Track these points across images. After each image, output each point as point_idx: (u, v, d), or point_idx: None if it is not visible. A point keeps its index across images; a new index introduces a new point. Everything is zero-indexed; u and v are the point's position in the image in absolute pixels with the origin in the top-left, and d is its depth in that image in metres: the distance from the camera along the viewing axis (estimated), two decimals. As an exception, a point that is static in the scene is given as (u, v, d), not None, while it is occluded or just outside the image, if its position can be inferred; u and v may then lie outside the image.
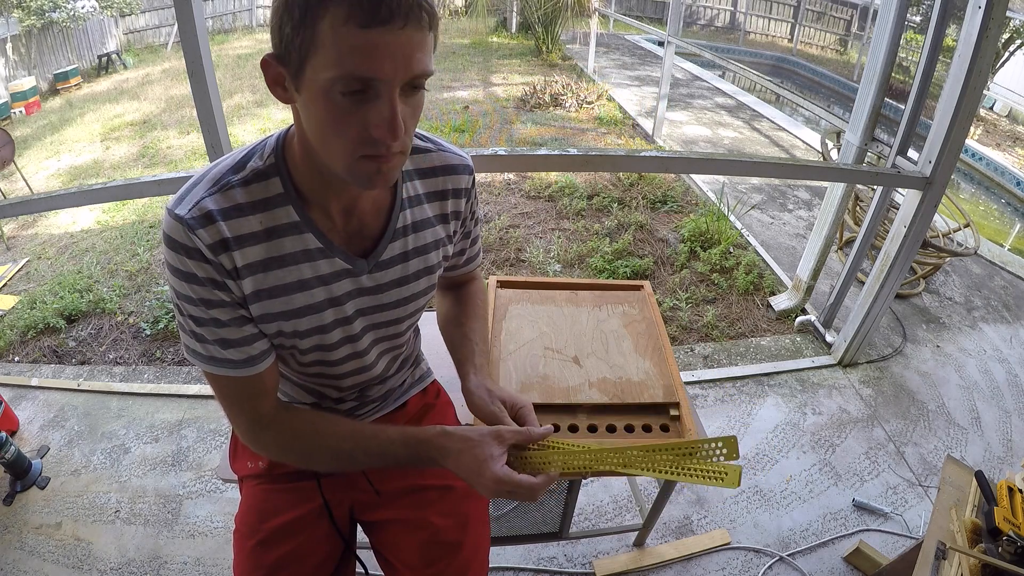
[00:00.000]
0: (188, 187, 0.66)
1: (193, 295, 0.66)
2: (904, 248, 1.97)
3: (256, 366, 0.72)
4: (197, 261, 0.64)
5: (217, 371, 0.71)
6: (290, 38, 0.56)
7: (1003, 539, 1.03)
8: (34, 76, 8.36)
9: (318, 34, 0.54)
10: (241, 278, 0.67)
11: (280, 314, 0.71)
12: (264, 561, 0.85)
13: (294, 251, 0.69)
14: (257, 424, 0.76)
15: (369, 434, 0.77)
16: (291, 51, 0.56)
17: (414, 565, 0.89)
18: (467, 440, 0.74)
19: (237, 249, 0.66)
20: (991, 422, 2.12)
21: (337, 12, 0.53)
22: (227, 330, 0.69)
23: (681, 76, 7.85)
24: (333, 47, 0.54)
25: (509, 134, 5.38)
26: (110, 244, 3.60)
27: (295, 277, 0.70)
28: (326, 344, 0.77)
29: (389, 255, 0.77)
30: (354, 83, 0.55)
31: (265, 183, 0.67)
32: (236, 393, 0.74)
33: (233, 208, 0.65)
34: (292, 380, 0.85)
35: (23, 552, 1.58)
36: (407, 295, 0.81)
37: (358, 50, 0.54)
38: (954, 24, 1.81)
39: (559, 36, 8.75)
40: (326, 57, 0.54)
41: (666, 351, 1.15)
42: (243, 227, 0.66)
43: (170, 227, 0.63)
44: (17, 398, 2.13)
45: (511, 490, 0.72)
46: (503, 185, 4.10)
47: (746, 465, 1.89)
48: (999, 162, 6.20)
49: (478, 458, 0.72)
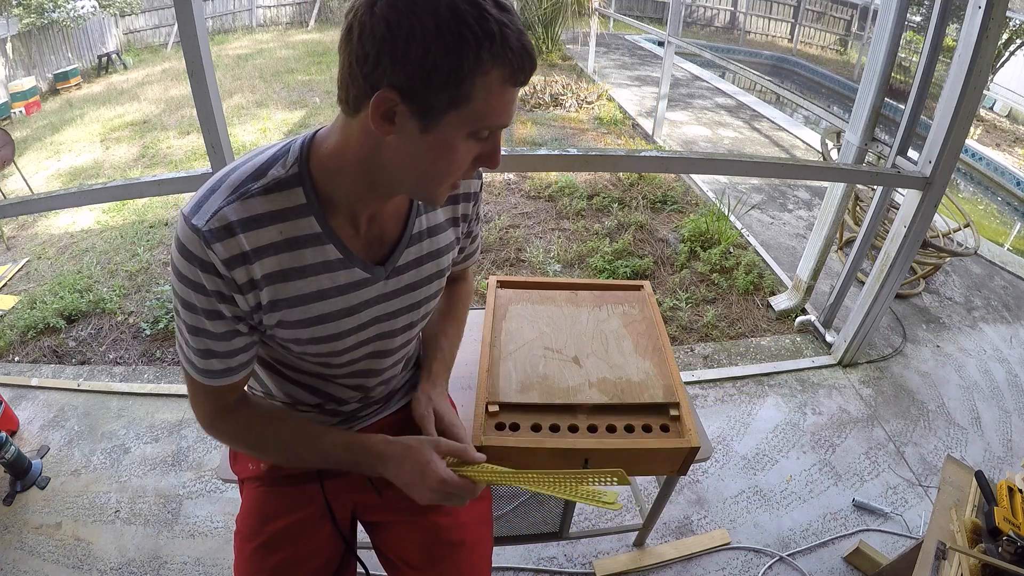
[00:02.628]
0: (205, 193, 0.64)
1: (196, 304, 0.66)
2: (904, 248, 1.97)
3: (233, 377, 0.74)
4: (209, 275, 0.64)
5: (196, 377, 0.73)
6: (435, 86, 0.56)
7: (1003, 539, 1.03)
8: (34, 76, 8.35)
9: (473, 89, 0.57)
10: (258, 289, 0.67)
11: (297, 323, 0.71)
12: (266, 564, 0.85)
13: (314, 262, 0.69)
14: (215, 414, 0.78)
15: (315, 435, 0.80)
16: (430, 96, 0.56)
17: (417, 565, 0.89)
18: (407, 447, 0.77)
19: (256, 261, 0.65)
20: (991, 422, 2.12)
21: (501, 74, 0.57)
22: (216, 343, 0.70)
23: (681, 76, 7.85)
24: (485, 102, 0.58)
25: (509, 134, 5.38)
26: (110, 244, 3.60)
27: (314, 288, 0.70)
28: (338, 350, 0.77)
29: (405, 260, 0.77)
30: (487, 131, 0.62)
31: (287, 192, 0.66)
32: (205, 392, 0.75)
33: (253, 219, 0.64)
34: (298, 382, 0.85)
35: (23, 552, 1.58)
36: (419, 299, 0.82)
37: (504, 105, 0.60)
38: (954, 24, 1.81)
39: (559, 36, 8.74)
40: (474, 110, 0.58)
41: (666, 351, 1.14)
42: (262, 238, 0.65)
43: (186, 237, 0.63)
44: (17, 398, 2.13)
45: (452, 492, 0.76)
46: (503, 185, 4.10)
47: (746, 465, 1.89)
48: (999, 162, 6.19)
49: (420, 462, 0.76)
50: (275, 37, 11.29)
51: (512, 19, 0.56)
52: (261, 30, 12.03)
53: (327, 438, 0.80)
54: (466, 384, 1.23)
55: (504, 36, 0.55)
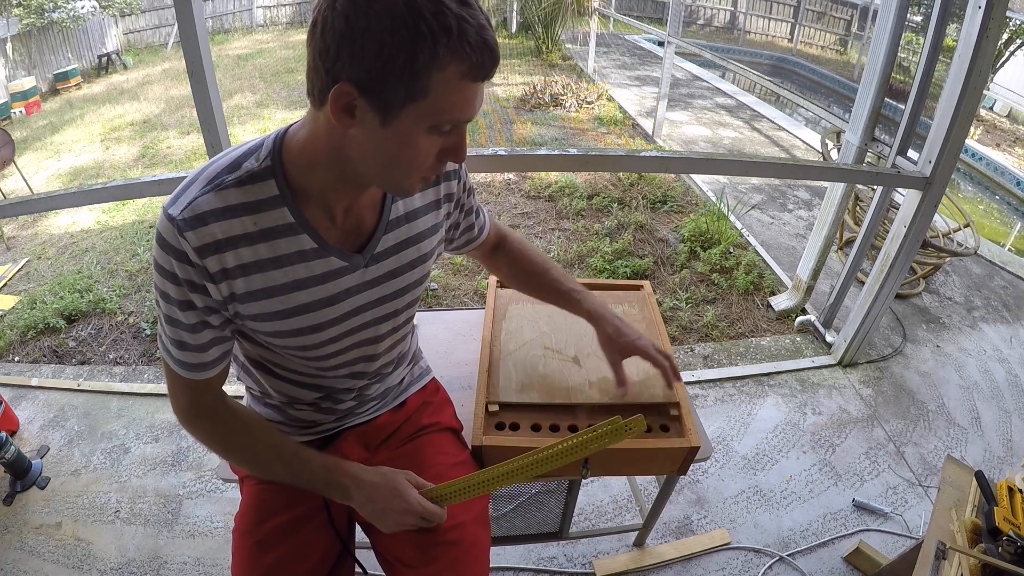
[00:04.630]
0: (184, 185, 0.67)
1: (170, 293, 0.68)
2: (904, 248, 1.97)
3: (205, 372, 0.75)
4: (182, 263, 0.66)
5: (173, 367, 0.75)
6: (391, 80, 0.56)
7: (1003, 539, 1.03)
8: (34, 76, 8.36)
9: (430, 83, 0.57)
10: (231, 278, 0.68)
11: (276, 313, 0.72)
12: (263, 561, 0.85)
13: (289, 252, 0.70)
14: (192, 411, 0.79)
15: (291, 451, 0.81)
16: (387, 89, 0.57)
17: (413, 564, 0.89)
18: (383, 475, 0.81)
19: (230, 250, 0.67)
20: (991, 422, 2.12)
21: (458, 69, 0.57)
22: (188, 334, 0.71)
23: (681, 76, 7.85)
24: (443, 96, 0.58)
25: (509, 134, 5.38)
26: (110, 244, 3.60)
27: (291, 277, 0.71)
28: (322, 341, 0.78)
29: (383, 247, 0.78)
30: (448, 124, 0.61)
31: (260, 184, 0.67)
32: (181, 384, 0.77)
33: (227, 209, 0.66)
34: (293, 381, 0.85)
35: (23, 552, 1.59)
36: (402, 286, 0.82)
37: (465, 100, 0.60)
38: (954, 24, 1.81)
39: (559, 36, 8.75)
40: (432, 104, 0.58)
41: (666, 351, 1.14)
42: (235, 228, 0.66)
43: (163, 227, 0.65)
44: (17, 398, 2.13)
45: (424, 516, 0.80)
46: (503, 185, 4.10)
47: (746, 465, 1.89)
48: (999, 162, 6.19)
49: (396, 487, 0.80)
50: (275, 37, 11.29)
51: (472, 13, 0.56)
52: (261, 30, 12.03)
53: (303, 455, 0.81)
54: (466, 384, 1.23)
55: (462, 30, 0.55)
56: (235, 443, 0.81)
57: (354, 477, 0.80)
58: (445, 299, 2.83)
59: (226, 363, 0.78)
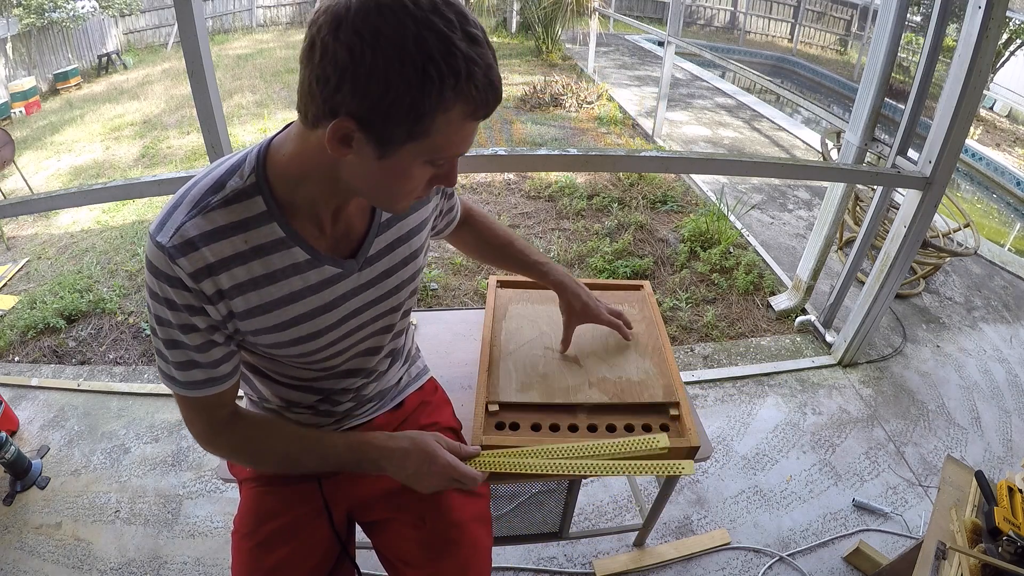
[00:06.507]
0: (168, 210, 0.65)
1: (169, 319, 0.68)
2: (904, 248, 1.97)
3: (218, 387, 0.74)
4: (177, 289, 0.65)
5: (181, 392, 0.73)
6: (393, 120, 0.56)
7: (1003, 539, 1.03)
8: (34, 76, 8.36)
9: (433, 124, 0.57)
10: (228, 298, 0.68)
11: (275, 327, 0.72)
12: (263, 563, 0.85)
13: (283, 266, 0.70)
14: (211, 430, 0.78)
15: (314, 439, 0.81)
16: (388, 128, 0.56)
17: (415, 563, 0.89)
18: (412, 439, 0.81)
19: (224, 271, 0.66)
20: (991, 422, 2.12)
21: (463, 110, 0.57)
22: (197, 354, 0.70)
23: (681, 76, 7.85)
24: (444, 136, 0.58)
25: (509, 134, 5.38)
26: (110, 244, 3.60)
27: (287, 291, 0.71)
28: (322, 346, 0.78)
29: (376, 249, 0.78)
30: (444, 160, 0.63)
31: (247, 202, 0.66)
32: (195, 407, 0.75)
33: (215, 231, 0.65)
34: (291, 385, 0.85)
35: (23, 552, 1.59)
36: (398, 283, 0.83)
37: (464, 138, 0.61)
38: (954, 24, 1.81)
39: (559, 36, 8.74)
40: (433, 143, 0.59)
41: (666, 351, 1.14)
42: (226, 249, 0.66)
43: (153, 254, 0.64)
44: (17, 398, 2.13)
45: (457, 477, 0.81)
46: (503, 185, 4.10)
47: (746, 465, 1.89)
48: (999, 162, 6.19)
49: (426, 450, 0.80)
50: (275, 37, 11.29)
51: (482, 52, 0.55)
52: (261, 30, 12.03)
53: (327, 440, 0.81)
54: (466, 384, 1.23)
55: (471, 73, 0.55)
56: (260, 447, 0.80)
57: (382, 448, 0.80)
58: (445, 299, 2.83)
59: (236, 377, 0.77)
